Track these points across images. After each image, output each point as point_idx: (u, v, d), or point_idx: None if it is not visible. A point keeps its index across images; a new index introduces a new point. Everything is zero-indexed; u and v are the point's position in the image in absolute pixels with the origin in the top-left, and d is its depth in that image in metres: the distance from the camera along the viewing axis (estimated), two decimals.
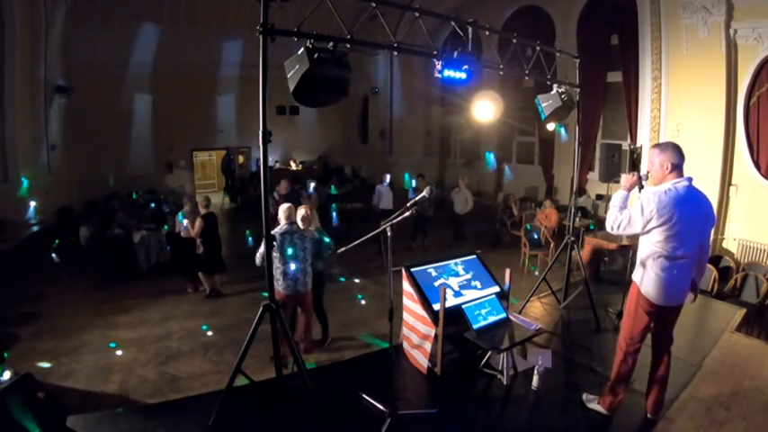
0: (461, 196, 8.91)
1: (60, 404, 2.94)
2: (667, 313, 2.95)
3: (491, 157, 12.47)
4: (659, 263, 2.79)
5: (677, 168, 2.77)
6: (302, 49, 2.84)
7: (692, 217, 2.74)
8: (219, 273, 6.40)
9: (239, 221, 10.97)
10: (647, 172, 2.95)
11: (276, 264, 4.13)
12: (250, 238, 8.46)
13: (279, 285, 4.19)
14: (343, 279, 6.99)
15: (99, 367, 4.42)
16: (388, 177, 8.93)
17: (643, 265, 2.88)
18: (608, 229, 2.94)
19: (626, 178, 3.04)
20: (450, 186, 9.34)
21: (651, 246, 2.80)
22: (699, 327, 4.90)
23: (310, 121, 15.00)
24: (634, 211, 2.78)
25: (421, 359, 3.76)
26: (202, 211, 6.14)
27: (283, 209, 4.42)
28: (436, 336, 3.57)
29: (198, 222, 6.06)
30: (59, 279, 6.86)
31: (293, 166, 14.56)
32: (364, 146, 16.02)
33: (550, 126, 8.80)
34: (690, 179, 2.78)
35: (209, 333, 5.22)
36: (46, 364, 4.44)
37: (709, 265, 6.11)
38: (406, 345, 3.98)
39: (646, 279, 2.86)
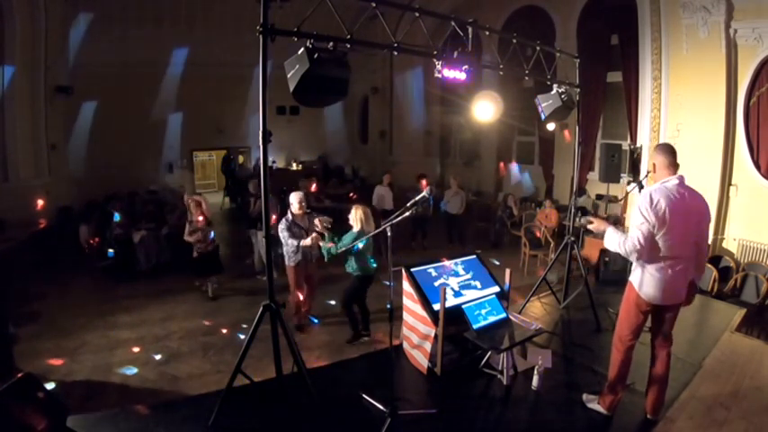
0: (456, 197, 8.87)
1: (60, 404, 2.93)
2: (665, 312, 2.96)
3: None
4: (655, 262, 2.79)
5: (669, 167, 2.82)
6: (302, 49, 2.84)
7: (685, 215, 2.75)
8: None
9: (238, 222, 10.95)
10: (647, 174, 2.96)
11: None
12: None
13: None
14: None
15: (99, 367, 4.42)
16: (386, 178, 8.91)
17: (640, 265, 2.89)
18: (630, 257, 2.85)
19: (595, 226, 3.03)
20: (448, 186, 9.32)
21: None
22: (699, 327, 4.90)
23: (310, 121, 14.99)
24: (635, 218, 2.78)
25: (421, 359, 3.76)
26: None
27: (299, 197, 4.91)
28: (436, 336, 3.58)
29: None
30: (59, 279, 6.85)
31: (294, 167, 14.55)
32: (364, 146, 15.99)
33: (550, 126, 8.79)
34: (680, 177, 2.80)
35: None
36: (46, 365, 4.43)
37: (709, 265, 6.12)
38: (406, 345, 3.98)
39: (642, 279, 2.87)
